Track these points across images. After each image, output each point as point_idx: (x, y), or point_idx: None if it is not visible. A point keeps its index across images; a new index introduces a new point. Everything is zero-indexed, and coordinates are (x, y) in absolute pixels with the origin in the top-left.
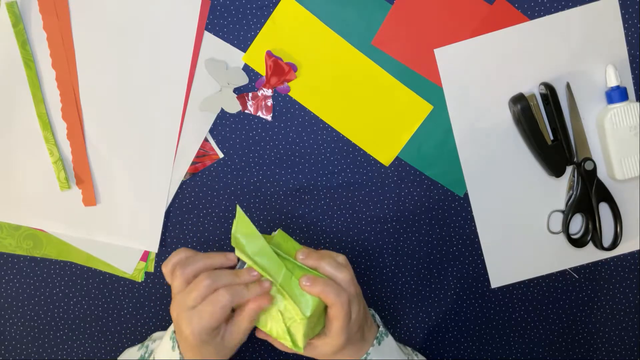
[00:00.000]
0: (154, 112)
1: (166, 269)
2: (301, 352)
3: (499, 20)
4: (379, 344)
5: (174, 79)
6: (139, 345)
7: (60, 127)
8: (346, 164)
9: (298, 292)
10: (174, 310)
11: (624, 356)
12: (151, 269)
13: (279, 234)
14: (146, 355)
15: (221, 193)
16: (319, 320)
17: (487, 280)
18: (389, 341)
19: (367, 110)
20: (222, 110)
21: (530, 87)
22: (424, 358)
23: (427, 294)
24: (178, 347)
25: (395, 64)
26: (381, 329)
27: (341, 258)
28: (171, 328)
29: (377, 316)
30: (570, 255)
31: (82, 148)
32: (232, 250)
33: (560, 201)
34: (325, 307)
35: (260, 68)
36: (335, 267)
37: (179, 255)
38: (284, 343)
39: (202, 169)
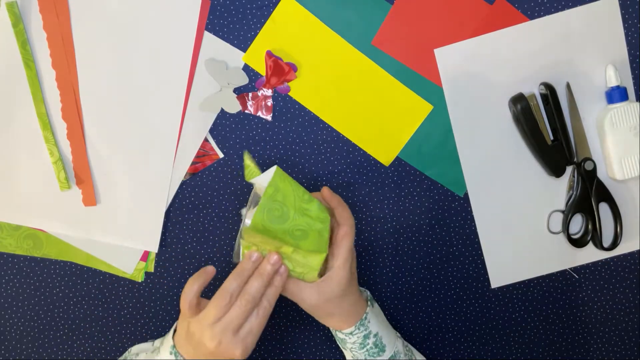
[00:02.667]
0: (154, 112)
1: (188, 301)
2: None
3: (499, 20)
4: (372, 306)
5: (174, 79)
6: None
7: (60, 127)
8: (346, 164)
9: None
10: (215, 338)
11: (624, 356)
12: (151, 269)
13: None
14: None
15: (221, 193)
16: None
17: (487, 280)
18: (378, 307)
19: (367, 110)
20: (222, 110)
21: (530, 87)
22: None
23: (427, 294)
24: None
25: (395, 64)
26: (369, 294)
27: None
28: (168, 342)
29: (363, 288)
30: (570, 255)
31: (82, 148)
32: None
33: (560, 201)
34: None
35: (260, 68)
36: (348, 215)
37: (193, 286)
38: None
39: (202, 169)
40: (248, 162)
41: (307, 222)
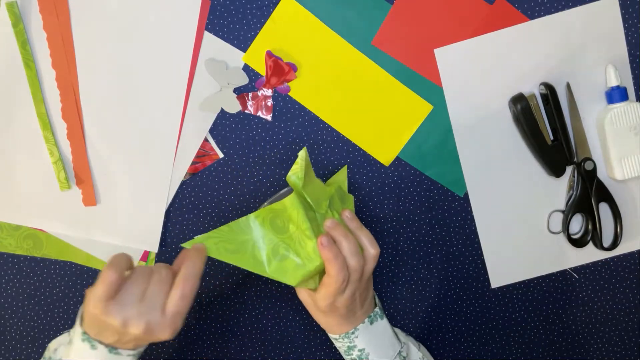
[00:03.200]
0: (154, 112)
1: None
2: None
3: (499, 20)
4: (371, 323)
5: (174, 79)
6: None
7: (60, 127)
8: (346, 163)
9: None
10: (138, 318)
11: (624, 356)
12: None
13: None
14: None
15: (221, 193)
16: (316, 279)
17: (487, 280)
18: (383, 324)
19: (367, 110)
20: (222, 110)
21: (530, 87)
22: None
23: (427, 294)
24: (101, 343)
25: (395, 64)
26: (377, 310)
27: (373, 250)
28: (77, 330)
29: (377, 300)
30: (570, 255)
31: (82, 148)
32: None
33: (560, 201)
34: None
35: (260, 68)
36: (351, 252)
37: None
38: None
39: (202, 169)
40: (301, 160)
41: (295, 249)
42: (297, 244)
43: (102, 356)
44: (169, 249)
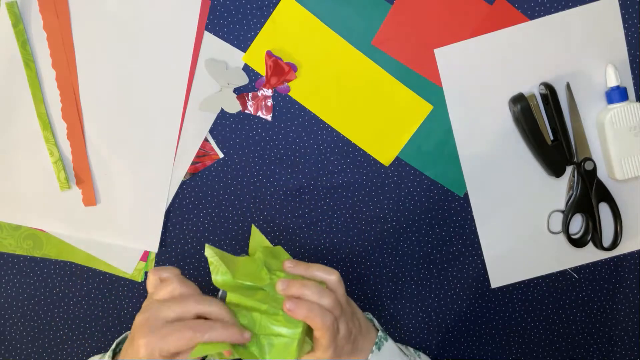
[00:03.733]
0: (154, 112)
1: (158, 274)
2: None
3: (499, 20)
4: (379, 349)
5: (174, 79)
6: None
7: (60, 127)
8: (346, 164)
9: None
10: (145, 313)
11: (624, 356)
12: (151, 268)
13: (260, 251)
14: None
15: (221, 193)
16: (307, 338)
17: (487, 280)
18: (389, 345)
19: (367, 110)
20: (222, 110)
21: (530, 87)
22: (427, 358)
23: (427, 294)
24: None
25: (395, 64)
26: (380, 333)
27: (333, 276)
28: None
29: (375, 320)
30: (570, 255)
31: (82, 148)
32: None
33: (560, 201)
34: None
35: (260, 68)
36: (318, 294)
37: (176, 272)
38: None
39: (202, 169)
40: (211, 258)
41: (272, 338)
42: (270, 327)
43: None
44: (169, 249)
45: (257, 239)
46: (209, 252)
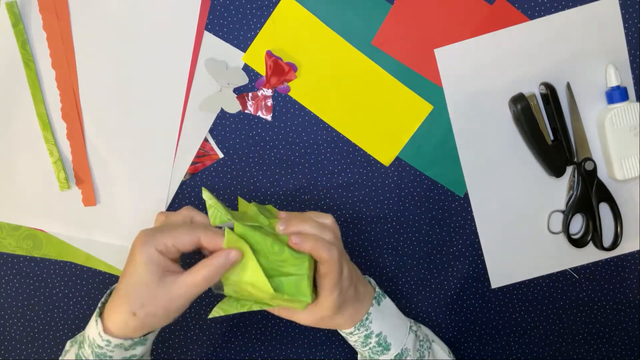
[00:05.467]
0: (154, 112)
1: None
2: (309, 301)
3: (499, 20)
4: (379, 304)
5: (174, 79)
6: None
7: (60, 127)
8: (346, 164)
9: (290, 252)
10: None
11: (624, 356)
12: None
13: (252, 207)
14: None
15: (221, 193)
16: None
17: (487, 280)
18: (388, 302)
19: (367, 110)
20: (222, 110)
21: (530, 87)
22: (430, 332)
23: (427, 294)
24: (99, 314)
25: (395, 64)
26: (378, 290)
27: (327, 219)
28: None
29: (372, 280)
30: (570, 255)
31: (82, 148)
32: None
33: (560, 201)
34: (314, 268)
35: (260, 68)
36: (319, 228)
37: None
38: (292, 303)
39: (202, 169)
40: (210, 202)
41: (281, 278)
42: (277, 268)
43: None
44: None
45: (244, 205)
46: (207, 194)
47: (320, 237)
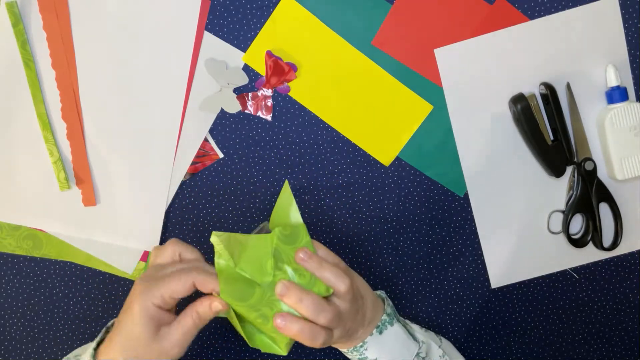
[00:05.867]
0: (153, 112)
1: (173, 247)
2: (284, 354)
3: (499, 20)
4: (380, 333)
5: (174, 79)
6: None
7: (60, 127)
8: (346, 164)
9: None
10: (138, 281)
11: (624, 356)
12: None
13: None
14: None
15: (221, 193)
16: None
17: (487, 280)
18: (394, 330)
19: (367, 110)
20: (222, 110)
21: (530, 87)
22: (450, 344)
23: (427, 294)
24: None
25: (395, 64)
26: (384, 317)
27: (342, 287)
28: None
29: (387, 300)
30: (570, 255)
31: (82, 148)
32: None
33: (560, 201)
34: None
35: (260, 68)
36: (315, 311)
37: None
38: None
39: (202, 169)
40: (217, 247)
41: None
42: (263, 329)
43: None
44: None
45: (286, 198)
46: (215, 239)
47: (307, 325)
